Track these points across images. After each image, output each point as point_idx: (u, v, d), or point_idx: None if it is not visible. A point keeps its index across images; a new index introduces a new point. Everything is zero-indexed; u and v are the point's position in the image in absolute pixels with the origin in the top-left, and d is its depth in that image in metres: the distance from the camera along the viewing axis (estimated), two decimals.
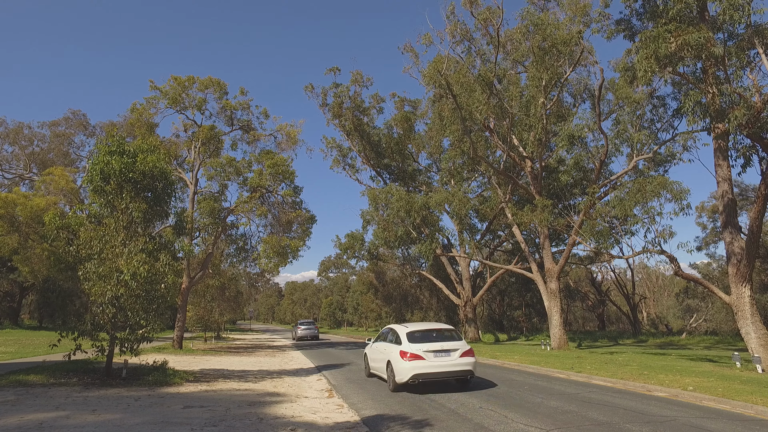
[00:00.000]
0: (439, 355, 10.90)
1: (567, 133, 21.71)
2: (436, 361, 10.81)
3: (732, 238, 15.63)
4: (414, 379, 10.69)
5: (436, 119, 31.86)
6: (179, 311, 25.47)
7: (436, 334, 11.69)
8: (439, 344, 11.08)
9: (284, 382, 13.80)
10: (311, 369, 17.66)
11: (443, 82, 23.97)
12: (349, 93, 38.17)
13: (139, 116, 28.38)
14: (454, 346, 11.14)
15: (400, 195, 31.17)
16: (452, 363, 10.84)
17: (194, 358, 21.49)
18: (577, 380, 13.33)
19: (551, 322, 25.81)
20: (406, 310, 55.98)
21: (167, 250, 14.00)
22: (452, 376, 11.03)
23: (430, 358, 10.81)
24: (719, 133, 15.55)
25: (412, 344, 11.10)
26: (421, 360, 10.75)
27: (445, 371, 10.82)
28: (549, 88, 23.96)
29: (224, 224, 28.74)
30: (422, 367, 10.68)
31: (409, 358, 10.81)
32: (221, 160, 27.52)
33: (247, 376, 15.11)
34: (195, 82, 29.66)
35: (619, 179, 22.52)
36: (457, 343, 11.27)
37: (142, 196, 14.23)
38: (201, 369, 16.85)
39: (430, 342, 11.20)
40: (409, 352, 10.90)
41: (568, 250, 25.50)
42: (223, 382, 13.18)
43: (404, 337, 11.45)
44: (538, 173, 27.33)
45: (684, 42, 12.38)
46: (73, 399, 9.62)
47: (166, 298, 13.67)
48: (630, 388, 11.67)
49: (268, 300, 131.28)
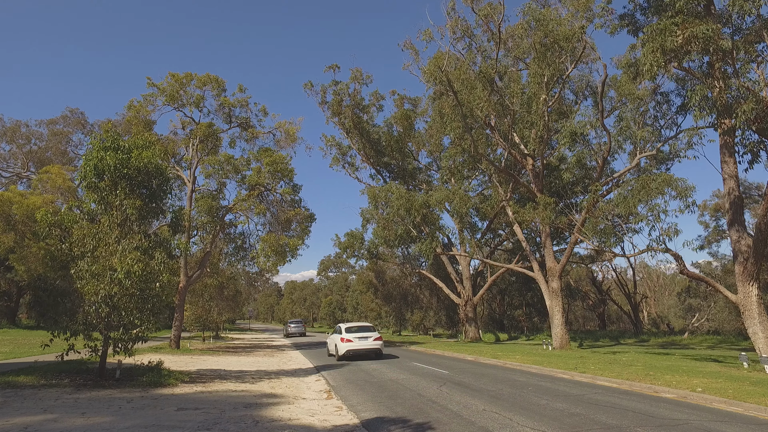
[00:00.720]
0: (361, 340, 19.07)
1: (569, 130, 21.41)
2: (359, 343, 18.98)
3: (739, 236, 15.33)
4: (347, 353, 18.89)
5: (436, 117, 31.57)
6: (176, 311, 25.16)
7: (361, 328, 19.92)
8: (361, 334, 19.29)
9: (282, 382, 13.51)
10: (310, 369, 17.37)
11: (444, 79, 23.67)
12: (349, 90, 37.87)
13: (137, 113, 28.07)
14: (370, 335, 19.38)
15: (400, 193, 30.87)
16: (369, 344, 19.05)
17: (191, 358, 21.20)
18: (581, 381, 13.04)
19: (553, 321, 25.52)
20: (406, 309, 55.65)
21: (163, 248, 13.68)
22: (369, 352, 19.22)
23: (356, 341, 19.00)
24: (726, 129, 15.26)
25: (347, 334, 19.33)
26: (351, 342, 18.96)
27: (364, 348, 19.01)
28: (551, 85, 23.66)
29: (222, 223, 28.44)
30: (352, 346, 18.88)
31: (345, 341, 19.03)
32: (219, 158, 27.20)
33: (245, 376, 14.81)
34: (193, 79, 29.35)
35: (622, 177, 22.22)
36: (373, 333, 19.60)
37: (137, 193, 13.93)
38: (197, 369, 16.55)
39: (357, 333, 19.40)
40: (345, 338, 19.16)
41: (570, 249, 25.21)
42: (219, 383, 12.88)
43: (343, 331, 19.81)
44: (539, 171, 27.03)
45: (691, 35, 12.08)
46: (63, 401, 9.31)
47: (162, 297, 13.35)
48: (636, 389, 11.38)
49: (268, 299, 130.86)
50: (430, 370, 15.78)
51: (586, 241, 20.21)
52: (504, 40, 27.41)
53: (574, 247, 25.12)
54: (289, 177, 28.25)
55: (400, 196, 30.65)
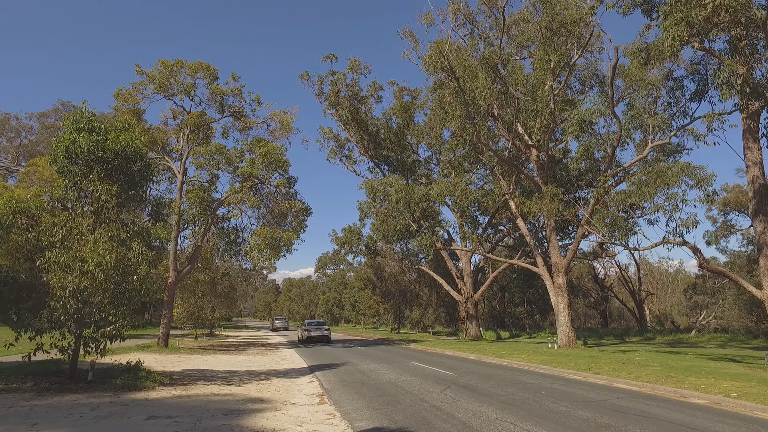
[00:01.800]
0: (316, 330, 31.16)
1: (578, 117, 20.30)
2: (315, 331, 30.83)
3: (764, 228, 14.27)
4: (308, 338, 30.64)
5: (436, 107, 30.38)
6: (165, 307, 24.03)
7: (318, 323, 32.51)
8: (317, 326, 31.45)
9: (271, 384, 12.43)
10: (303, 369, 16.29)
11: (445, 64, 22.54)
12: (347, 80, 36.69)
13: (125, 102, 26.86)
14: (323, 327, 31.77)
15: (400, 186, 29.76)
16: (321, 333, 30.95)
17: (179, 357, 20.10)
18: (597, 383, 11.98)
19: (558, 318, 24.48)
20: (405, 306, 54.54)
21: (141, 238, 12.55)
22: (321, 337, 30.89)
23: (313, 330, 31.02)
24: (750, 113, 14.18)
25: (308, 326, 31.75)
26: (310, 331, 30.97)
27: (318, 335, 30.73)
28: (558, 71, 22.54)
29: (214, 216, 27.28)
30: (310, 334, 30.78)
31: (306, 330, 31.18)
32: (210, 148, 26.00)
33: (232, 377, 13.72)
34: (184, 67, 28.11)
35: (632, 167, 21.12)
36: (324, 326, 32.04)
37: (114, 179, 12.80)
38: (183, 369, 15.46)
39: (314, 325, 31.70)
40: (306, 328, 31.53)
41: (577, 243, 24.15)
42: (202, 386, 11.78)
43: (307, 324, 32.73)
44: (544, 163, 25.92)
45: (720, 3, 10.97)
46: (17, 410, 8.19)
47: (140, 291, 12.27)
48: (660, 393, 10.32)
49: (265, 297, 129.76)
50: (431, 371, 14.70)
51: (596, 234, 19.14)
52: (507, 26, 26.28)
53: (580, 241, 24.09)
54: (283, 168, 27.10)
55: (399, 188, 29.54)
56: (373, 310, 60.60)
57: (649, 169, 17.31)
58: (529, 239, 27.76)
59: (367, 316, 64.81)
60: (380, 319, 63.43)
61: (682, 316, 47.53)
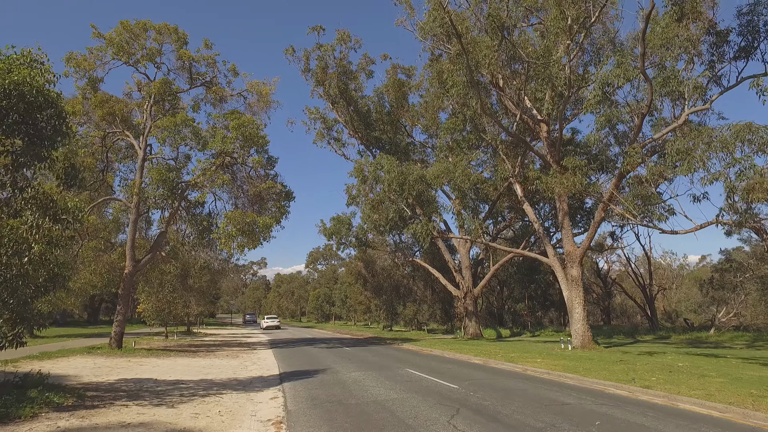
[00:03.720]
0: (271, 321, 51.56)
1: (602, 80, 17.21)
2: (270, 322, 51.18)
3: None
4: (267, 328, 49.93)
5: (434, 82, 27.23)
6: (120, 302, 20.71)
7: (272, 317, 53.62)
8: (272, 318, 52.73)
9: (219, 404, 9.25)
10: (272, 378, 13.10)
11: (446, 19, 19.34)
12: (335, 54, 33.39)
13: (77, 67, 23.45)
14: (276, 319, 53.10)
15: (392, 166, 26.58)
16: (274, 323, 51.30)
17: (127, 361, 16.84)
18: (656, 403, 8.91)
19: (572, 316, 21.48)
20: (398, 302, 51.31)
21: (43, 207, 9.31)
22: (275, 327, 50.53)
23: (269, 322, 51.22)
24: None
25: (266, 318, 53.28)
26: (267, 322, 51.40)
27: (272, 325, 50.57)
28: (575, 29, 19.42)
29: (183, 199, 23.97)
30: (267, 324, 50.59)
31: (265, 322, 51.64)
32: (176, 120, 22.60)
33: (172, 392, 10.52)
34: (149, 29, 24.72)
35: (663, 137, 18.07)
36: (276, 319, 53.33)
37: (14, 129, 9.57)
38: (117, 380, 12.23)
39: (270, 318, 52.59)
40: (265, 320, 52.66)
41: (594, 228, 21.11)
42: (119, 408, 8.58)
43: (265, 317, 54.95)
44: (556, 139, 22.82)
45: None
46: None
47: (37, 279, 9.07)
48: (763, 424, 7.27)
49: (255, 293, 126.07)
50: (431, 384, 11.55)
51: (627, 214, 16.05)
52: None
53: (599, 226, 21.04)
54: (260, 145, 23.79)
55: (392, 169, 26.38)
56: (364, 306, 57.42)
57: (694, 133, 14.30)
58: (537, 226, 24.75)
59: (358, 312, 61.59)
60: (372, 316, 60.24)
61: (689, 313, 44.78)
